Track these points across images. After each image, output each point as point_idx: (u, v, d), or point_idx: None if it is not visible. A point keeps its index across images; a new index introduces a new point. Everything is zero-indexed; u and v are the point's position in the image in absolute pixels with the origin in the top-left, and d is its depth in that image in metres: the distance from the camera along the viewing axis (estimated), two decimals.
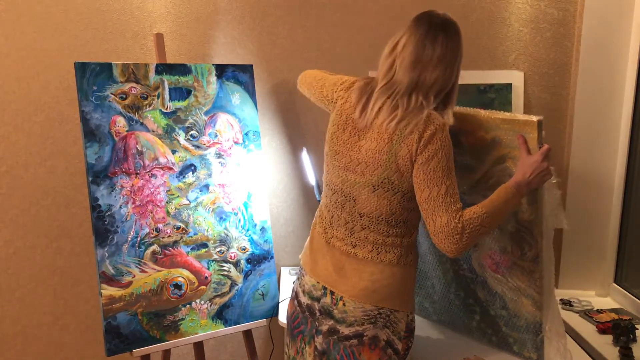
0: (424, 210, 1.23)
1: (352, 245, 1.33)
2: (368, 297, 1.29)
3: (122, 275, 1.56)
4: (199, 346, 1.71)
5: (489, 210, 1.20)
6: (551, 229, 1.31)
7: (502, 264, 1.44)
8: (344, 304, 1.31)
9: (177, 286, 1.64)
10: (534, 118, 1.23)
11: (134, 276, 1.58)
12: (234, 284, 1.71)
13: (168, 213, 1.63)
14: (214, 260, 1.69)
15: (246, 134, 1.75)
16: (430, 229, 1.22)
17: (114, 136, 1.57)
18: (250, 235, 1.75)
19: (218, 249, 1.70)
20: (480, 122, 1.35)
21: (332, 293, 1.33)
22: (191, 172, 1.67)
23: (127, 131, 1.59)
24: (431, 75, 1.24)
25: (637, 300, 1.90)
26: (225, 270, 1.70)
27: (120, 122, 1.58)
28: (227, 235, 1.71)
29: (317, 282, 1.37)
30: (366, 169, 1.28)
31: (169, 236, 1.63)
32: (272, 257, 1.78)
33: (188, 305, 1.65)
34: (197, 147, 1.68)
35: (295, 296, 1.45)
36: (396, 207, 1.28)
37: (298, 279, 1.47)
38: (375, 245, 1.30)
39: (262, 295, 1.75)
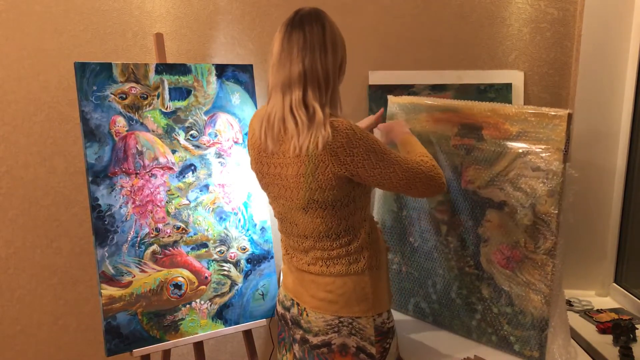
0: (399, 189, 1.27)
1: (307, 264, 1.35)
2: (326, 307, 1.30)
3: (122, 275, 1.56)
4: (199, 346, 1.71)
5: (422, 150, 1.38)
6: (567, 222, 1.35)
7: (513, 258, 1.44)
8: (307, 315, 1.33)
9: (177, 286, 1.64)
10: (564, 111, 1.30)
11: (134, 276, 1.58)
12: (234, 283, 1.71)
13: (168, 213, 1.63)
14: (214, 260, 1.69)
15: (246, 134, 1.75)
16: (420, 191, 1.29)
17: (114, 136, 1.57)
18: (250, 235, 1.75)
19: (218, 249, 1.70)
20: (507, 116, 1.40)
21: (297, 304, 1.37)
22: (191, 172, 1.67)
23: (127, 131, 1.59)
24: (295, 69, 1.20)
25: (637, 300, 1.90)
26: (225, 270, 1.70)
27: (120, 122, 1.58)
28: (227, 235, 1.71)
29: (287, 294, 1.42)
30: (292, 194, 1.28)
31: (169, 236, 1.63)
32: (272, 257, 1.78)
33: (188, 305, 1.65)
34: (197, 147, 1.68)
35: (276, 305, 1.51)
36: (330, 221, 1.27)
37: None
38: (324, 260, 1.31)
39: (262, 295, 1.75)
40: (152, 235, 1.61)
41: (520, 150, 1.39)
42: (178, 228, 1.65)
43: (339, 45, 1.27)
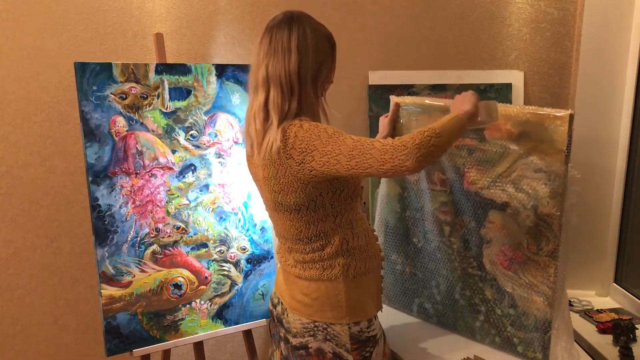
0: (356, 170, 1.12)
1: (290, 265, 1.36)
2: (303, 310, 1.31)
3: (122, 275, 1.56)
4: (199, 346, 1.71)
5: (436, 126, 1.14)
6: (569, 223, 1.34)
7: (515, 259, 1.44)
8: (287, 315, 1.35)
9: (177, 286, 1.64)
10: (566, 111, 1.29)
11: (134, 276, 1.58)
12: (234, 283, 1.71)
13: (168, 213, 1.63)
14: (214, 260, 1.69)
15: None
16: (375, 168, 1.10)
17: (114, 136, 1.57)
18: (250, 235, 1.75)
19: (218, 249, 1.70)
20: (509, 116, 1.39)
21: (281, 303, 1.39)
22: (191, 172, 1.67)
23: (127, 131, 1.59)
24: (260, 72, 1.21)
25: (637, 300, 1.90)
26: (225, 270, 1.70)
27: (120, 122, 1.58)
28: (227, 235, 1.71)
29: (275, 291, 1.45)
30: (264, 195, 1.33)
31: (169, 236, 1.63)
32: (272, 257, 1.78)
33: (188, 305, 1.65)
34: (197, 147, 1.68)
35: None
36: (298, 224, 1.27)
37: None
38: (301, 263, 1.32)
39: (262, 295, 1.75)
40: (152, 235, 1.61)
41: (522, 152, 1.39)
42: (178, 228, 1.64)
43: (311, 50, 1.21)
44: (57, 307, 2.04)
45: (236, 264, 1.72)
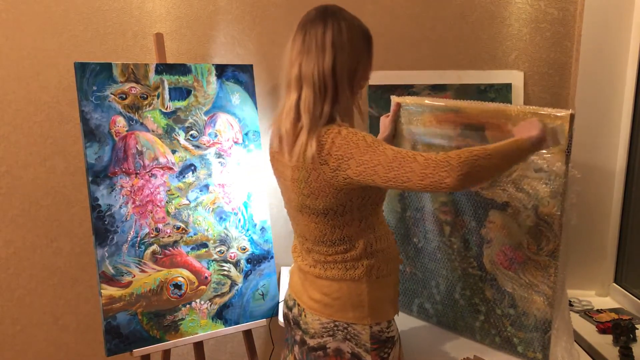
0: (394, 182, 1.09)
1: (309, 265, 1.34)
2: (322, 310, 1.28)
3: (122, 275, 1.56)
4: (199, 346, 1.71)
5: (489, 147, 1.10)
6: (569, 223, 1.34)
7: (515, 259, 1.44)
8: (305, 315, 1.32)
9: (177, 286, 1.64)
10: (567, 111, 1.28)
11: (134, 276, 1.58)
12: (234, 283, 1.71)
13: (168, 213, 1.63)
14: (214, 260, 1.69)
15: (246, 134, 1.75)
16: (414, 182, 1.06)
17: (114, 136, 1.57)
18: (250, 235, 1.75)
19: (218, 249, 1.70)
20: (510, 116, 1.37)
21: (298, 305, 1.35)
22: (191, 172, 1.67)
23: (127, 131, 1.59)
24: (293, 71, 1.17)
25: (637, 300, 1.90)
26: (225, 270, 1.70)
27: (120, 122, 1.58)
28: (227, 235, 1.71)
29: (290, 294, 1.41)
30: (290, 195, 1.27)
31: (169, 236, 1.63)
32: (272, 257, 1.78)
33: (188, 305, 1.64)
34: (197, 147, 1.68)
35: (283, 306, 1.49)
36: (324, 228, 1.25)
37: None
38: (322, 263, 1.30)
39: (262, 295, 1.75)
40: (152, 235, 1.61)
41: None
42: (178, 228, 1.64)
43: (347, 47, 1.16)
44: (57, 307, 2.04)
45: (236, 264, 1.72)
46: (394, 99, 1.69)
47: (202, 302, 1.66)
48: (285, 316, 1.44)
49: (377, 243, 1.29)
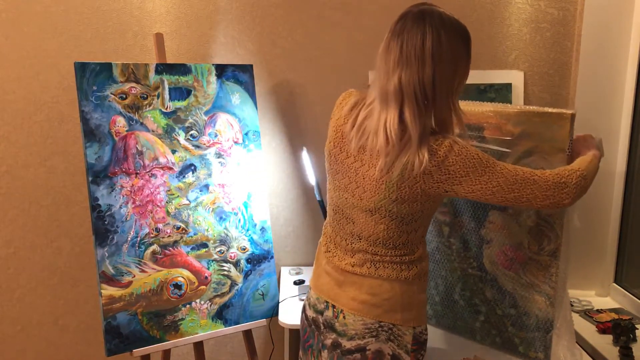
0: (512, 202, 1.16)
1: (351, 265, 1.29)
2: (368, 310, 1.25)
3: (122, 275, 1.56)
4: (199, 346, 1.71)
5: (582, 166, 1.20)
6: (571, 223, 1.34)
7: (516, 259, 1.44)
8: (344, 317, 1.28)
9: (177, 286, 1.63)
10: (567, 111, 1.28)
11: (134, 276, 1.58)
12: (234, 283, 1.71)
13: (168, 213, 1.63)
14: (214, 260, 1.69)
15: (246, 134, 1.75)
16: (534, 203, 1.15)
17: (114, 136, 1.57)
18: (250, 235, 1.75)
19: (218, 249, 1.70)
20: (509, 116, 1.37)
21: (333, 307, 1.30)
22: (191, 172, 1.67)
23: (127, 131, 1.59)
24: (391, 84, 1.13)
25: (637, 300, 1.90)
26: (225, 270, 1.70)
27: (120, 122, 1.58)
28: (227, 235, 1.71)
29: (320, 297, 1.35)
30: (364, 194, 1.21)
31: (169, 236, 1.63)
32: (272, 257, 1.78)
33: (188, 305, 1.64)
34: (197, 147, 1.68)
35: (303, 310, 1.43)
36: (394, 231, 1.23)
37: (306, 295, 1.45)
38: (373, 262, 1.26)
39: (262, 295, 1.75)
40: (152, 235, 1.61)
41: (523, 151, 1.38)
42: (178, 228, 1.64)
43: (447, 56, 1.13)
44: (57, 307, 2.04)
45: (236, 264, 1.72)
46: None
47: (202, 302, 1.66)
48: (313, 321, 1.36)
49: (425, 248, 1.32)
